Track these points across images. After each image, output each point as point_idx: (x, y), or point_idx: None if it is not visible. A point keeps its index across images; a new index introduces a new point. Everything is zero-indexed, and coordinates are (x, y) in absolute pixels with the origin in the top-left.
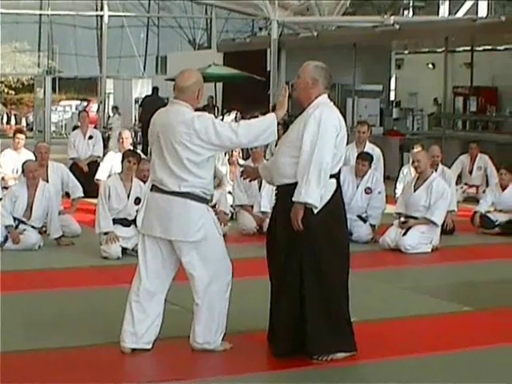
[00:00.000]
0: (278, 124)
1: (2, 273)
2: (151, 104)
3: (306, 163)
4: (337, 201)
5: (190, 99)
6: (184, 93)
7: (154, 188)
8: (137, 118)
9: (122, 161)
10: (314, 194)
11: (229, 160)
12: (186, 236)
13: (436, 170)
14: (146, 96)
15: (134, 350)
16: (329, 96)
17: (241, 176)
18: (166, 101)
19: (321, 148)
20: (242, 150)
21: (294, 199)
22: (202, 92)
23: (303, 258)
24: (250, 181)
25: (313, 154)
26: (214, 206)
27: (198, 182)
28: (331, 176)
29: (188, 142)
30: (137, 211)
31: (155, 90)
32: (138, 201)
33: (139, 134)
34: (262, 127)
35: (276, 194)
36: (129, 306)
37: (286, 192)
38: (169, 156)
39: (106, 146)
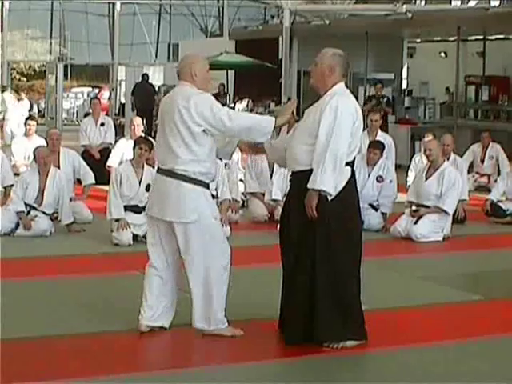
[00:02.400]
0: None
1: (14, 259)
2: (141, 91)
3: (322, 151)
4: (351, 189)
5: (187, 78)
6: (180, 74)
7: (158, 169)
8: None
9: (134, 147)
10: (329, 181)
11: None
12: (179, 217)
13: (448, 159)
14: (136, 83)
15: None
16: (345, 84)
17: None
18: (155, 88)
19: (337, 136)
20: None
21: (308, 186)
22: (198, 71)
23: (316, 246)
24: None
25: (329, 142)
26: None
27: (192, 161)
28: (346, 164)
29: (185, 114)
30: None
31: (145, 76)
32: (149, 188)
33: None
34: (258, 123)
35: (290, 181)
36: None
37: (300, 179)
38: (169, 131)
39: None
